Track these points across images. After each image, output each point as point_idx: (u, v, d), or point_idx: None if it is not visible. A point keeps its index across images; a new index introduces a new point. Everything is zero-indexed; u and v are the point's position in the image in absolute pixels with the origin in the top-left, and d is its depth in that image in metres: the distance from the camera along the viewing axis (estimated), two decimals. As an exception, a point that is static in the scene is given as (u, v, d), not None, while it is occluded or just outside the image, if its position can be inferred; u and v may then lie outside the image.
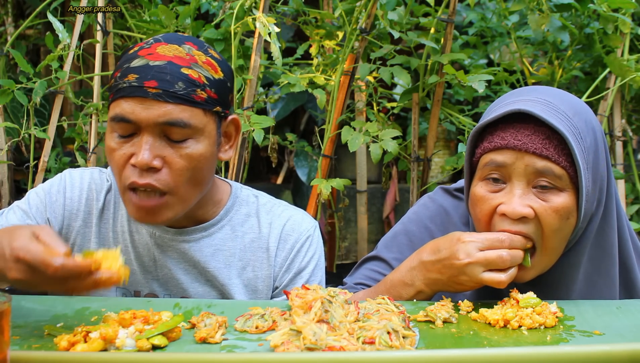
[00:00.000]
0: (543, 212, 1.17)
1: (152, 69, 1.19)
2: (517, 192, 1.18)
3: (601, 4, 2.37)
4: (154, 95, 1.18)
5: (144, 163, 1.18)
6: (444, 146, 3.61)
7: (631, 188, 2.85)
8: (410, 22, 2.49)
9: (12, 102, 2.54)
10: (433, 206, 1.46)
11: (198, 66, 1.22)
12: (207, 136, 1.24)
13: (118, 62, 1.26)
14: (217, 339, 1.03)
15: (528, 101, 1.20)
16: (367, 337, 0.98)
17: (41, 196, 1.37)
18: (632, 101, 2.90)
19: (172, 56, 1.21)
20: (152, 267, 1.36)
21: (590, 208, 1.22)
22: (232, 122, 1.33)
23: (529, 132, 1.17)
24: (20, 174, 3.01)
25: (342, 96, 2.44)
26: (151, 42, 1.24)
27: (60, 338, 0.99)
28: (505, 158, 1.18)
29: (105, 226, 1.38)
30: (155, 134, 1.20)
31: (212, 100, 1.23)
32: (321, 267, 1.44)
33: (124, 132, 1.21)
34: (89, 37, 2.50)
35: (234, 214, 1.41)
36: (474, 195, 1.24)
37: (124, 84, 1.19)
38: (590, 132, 1.21)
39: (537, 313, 1.12)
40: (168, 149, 1.21)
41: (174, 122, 1.19)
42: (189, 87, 1.19)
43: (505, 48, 3.25)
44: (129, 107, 1.19)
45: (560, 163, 1.16)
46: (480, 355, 0.90)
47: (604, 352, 0.91)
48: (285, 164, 3.83)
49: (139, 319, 1.05)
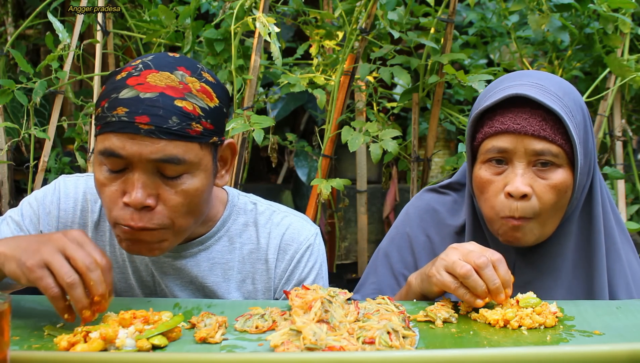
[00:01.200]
0: (543, 189, 1.28)
1: (143, 103, 1.09)
2: (518, 172, 1.27)
3: (601, 4, 2.36)
4: (146, 131, 1.09)
5: (137, 203, 1.11)
6: (444, 146, 3.61)
7: (631, 188, 2.84)
8: (410, 22, 2.48)
9: (12, 102, 2.53)
10: (422, 204, 1.54)
11: (192, 96, 1.13)
12: (203, 169, 1.17)
13: (104, 86, 1.16)
14: (217, 339, 1.03)
15: (522, 86, 1.28)
16: (367, 337, 0.98)
17: (34, 207, 1.32)
18: (632, 101, 2.90)
19: (164, 86, 1.11)
20: (150, 283, 1.34)
21: (583, 180, 1.32)
22: (228, 146, 1.25)
23: (526, 115, 1.26)
24: (20, 174, 3.01)
25: (342, 96, 2.44)
26: (140, 67, 1.13)
27: (60, 338, 0.99)
28: (506, 143, 1.27)
29: (101, 239, 1.33)
30: (148, 171, 1.12)
31: (208, 131, 1.15)
32: (323, 276, 1.40)
33: (114, 167, 1.13)
34: (89, 37, 2.50)
35: (232, 225, 1.36)
36: (479, 178, 1.33)
37: (112, 118, 1.10)
38: (579, 109, 1.31)
39: (537, 313, 1.13)
40: (162, 187, 1.14)
41: (168, 159, 1.11)
42: (183, 121, 1.11)
43: (505, 48, 3.25)
44: (119, 143, 1.10)
45: (557, 141, 1.26)
46: (480, 355, 0.90)
47: (604, 352, 0.91)
48: (285, 164, 3.83)
49: (139, 319, 1.05)
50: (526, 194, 1.26)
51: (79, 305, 1.00)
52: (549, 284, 1.37)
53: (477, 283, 1.14)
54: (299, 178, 3.24)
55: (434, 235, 1.48)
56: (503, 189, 1.29)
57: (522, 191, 1.26)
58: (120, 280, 1.34)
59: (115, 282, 1.32)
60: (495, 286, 1.14)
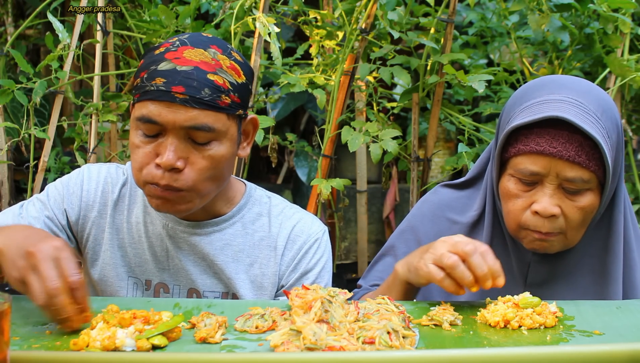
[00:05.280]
0: (570, 210, 1.28)
1: (179, 74, 1.21)
2: (547, 192, 1.27)
3: (601, 4, 2.36)
4: (181, 100, 1.21)
5: (168, 164, 1.22)
6: (444, 146, 3.61)
7: (631, 188, 2.84)
8: (410, 22, 2.48)
9: (12, 102, 2.54)
10: (435, 199, 1.53)
11: (223, 72, 1.25)
12: (229, 138, 1.29)
13: (142, 60, 1.28)
14: (217, 339, 1.03)
15: (562, 103, 1.25)
16: (367, 337, 0.98)
17: (59, 188, 1.42)
18: (632, 101, 2.90)
19: (198, 61, 1.23)
20: (164, 257, 1.40)
21: (609, 197, 1.32)
22: (251, 121, 1.37)
23: (563, 140, 1.24)
24: (20, 174, 3.02)
25: (342, 96, 2.44)
26: (177, 44, 1.25)
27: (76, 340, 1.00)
28: (540, 167, 1.26)
29: (119, 217, 1.42)
30: (180, 137, 1.23)
31: (236, 104, 1.27)
32: (328, 270, 1.46)
33: (149, 132, 1.25)
34: (89, 37, 2.50)
35: (246, 213, 1.45)
36: (506, 190, 1.32)
37: (151, 87, 1.22)
38: (614, 128, 1.28)
39: (537, 313, 1.13)
40: (192, 151, 1.25)
41: (199, 126, 1.22)
42: (214, 93, 1.23)
43: (505, 48, 3.25)
44: (156, 110, 1.22)
45: (590, 167, 1.24)
46: (480, 355, 0.90)
47: (604, 352, 0.91)
48: (285, 164, 3.83)
49: (139, 319, 1.05)
50: (554, 214, 1.27)
51: (54, 320, 1.06)
52: (562, 287, 1.37)
53: (464, 274, 1.14)
54: (299, 178, 3.24)
55: (445, 231, 1.47)
56: (530, 206, 1.29)
57: (550, 212, 1.26)
58: (135, 255, 1.41)
59: (131, 257, 1.41)
60: (482, 272, 1.14)
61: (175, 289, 1.41)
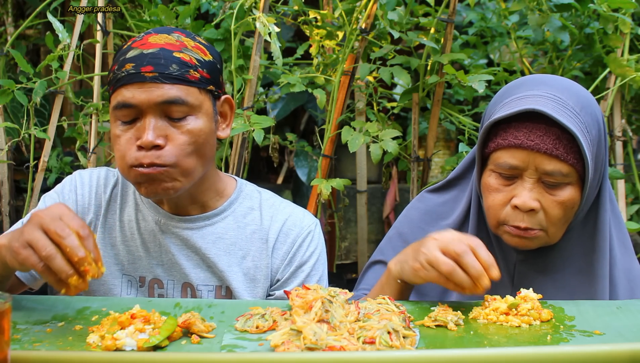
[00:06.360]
0: (550, 205, 1.28)
1: (146, 56, 1.27)
2: (527, 186, 1.28)
3: (601, 4, 2.36)
4: (151, 78, 1.26)
5: (148, 142, 1.25)
6: (444, 146, 3.61)
7: (631, 188, 2.84)
8: (410, 22, 2.48)
9: (12, 102, 2.53)
10: (422, 207, 1.55)
11: (188, 50, 1.31)
12: (205, 113, 1.33)
13: (114, 59, 1.34)
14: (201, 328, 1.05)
15: (540, 98, 1.26)
16: (368, 337, 0.98)
17: (55, 198, 1.45)
18: (632, 101, 2.89)
19: (163, 43, 1.30)
20: (157, 253, 1.42)
21: (591, 194, 1.32)
22: (226, 101, 1.41)
23: (541, 133, 1.24)
24: (20, 174, 3.01)
25: (342, 96, 2.43)
26: (142, 35, 1.34)
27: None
28: (518, 160, 1.27)
29: (112, 216, 1.45)
30: (157, 115, 1.27)
31: (205, 79, 1.32)
32: (323, 262, 1.48)
33: (126, 118, 1.29)
34: (89, 37, 2.49)
35: (238, 207, 1.47)
36: (487, 185, 1.33)
37: (122, 74, 1.28)
38: (595, 124, 1.28)
39: (532, 308, 1.16)
40: (170, 128, 1.29)
41: (172, 100, 1.27)
42: (182, 68, 1.28)
43: (505, 48, 3.24)
44: (129, 93, 1.27)
45: (569, 160, 1.24)
46: (480, 355, 0.90)
47: (604, 352, 0.91)
48: (285, 164, 3.83)
49: (139, 319, 1.05)
50: (533, 209, 1.27)
51: (63, 275, 1.00)
52: (549, 285, 1.37)
53: (462, 279, 1.15)
54: (299, 178, 3.24)
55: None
56: (510, 201, 1.30)
57: (529, 206, 1.27)
58: (128, 253, 1.42)
59: (124, 254, 1.42)
60: (476, 272, 1.14)
61: (170, 284, 1.41)
